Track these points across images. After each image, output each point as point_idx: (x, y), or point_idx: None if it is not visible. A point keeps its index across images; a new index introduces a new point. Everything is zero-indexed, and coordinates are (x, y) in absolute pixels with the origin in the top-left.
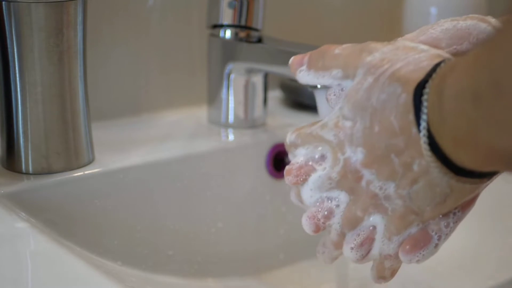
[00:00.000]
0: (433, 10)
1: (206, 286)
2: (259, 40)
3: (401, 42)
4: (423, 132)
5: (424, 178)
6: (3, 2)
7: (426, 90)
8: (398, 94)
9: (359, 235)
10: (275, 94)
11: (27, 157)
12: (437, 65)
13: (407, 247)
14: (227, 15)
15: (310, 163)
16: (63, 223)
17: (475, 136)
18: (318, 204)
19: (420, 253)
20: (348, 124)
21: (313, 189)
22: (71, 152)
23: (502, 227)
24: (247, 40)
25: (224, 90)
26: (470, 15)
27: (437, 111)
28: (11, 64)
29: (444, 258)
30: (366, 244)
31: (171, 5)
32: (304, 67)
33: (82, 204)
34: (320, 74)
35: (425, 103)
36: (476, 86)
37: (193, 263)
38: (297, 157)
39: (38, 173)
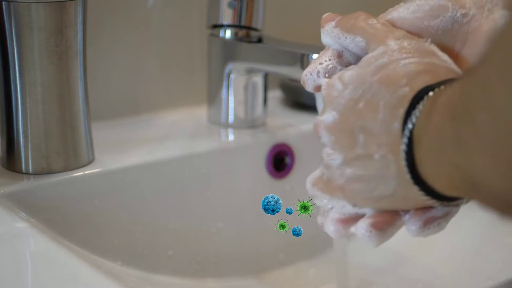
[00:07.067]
0: None
1: (206, 286)
2: (259, 40)
3: (427, 44)
4: (406, 132)
5: (378, 170)
6: (3, 2)
7: (428, 96)
8: (401, 84)
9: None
10: (275, 94)
11: (27, 157)
12: (450, 80)
13: None
14: (227, 15)
15: None
16: (63, 223)
17: (442, 155)
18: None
19: None
20: (339, 87)
21: None
22: (71, 152)
23: (502, 227)
24: (247, 40)
25: (224, 90)
26: None
27: (425, 121)
28: (11, 64)
29: (444, 258)
30: None
31: (171, 5)
32: (332, 23)
33: (82, 204)
34: (343, 35)
35: (421, 107)
36: (455, 106)
37: (193, 263)
38: None
39: (38, 173)
